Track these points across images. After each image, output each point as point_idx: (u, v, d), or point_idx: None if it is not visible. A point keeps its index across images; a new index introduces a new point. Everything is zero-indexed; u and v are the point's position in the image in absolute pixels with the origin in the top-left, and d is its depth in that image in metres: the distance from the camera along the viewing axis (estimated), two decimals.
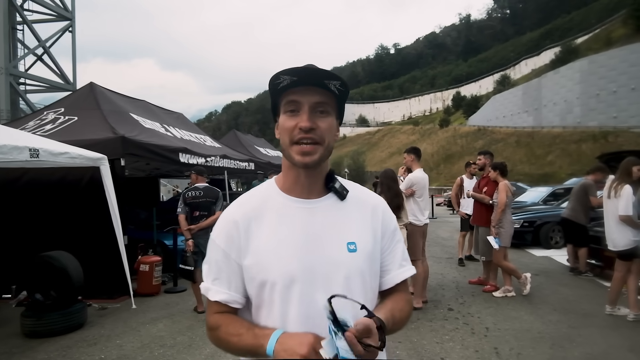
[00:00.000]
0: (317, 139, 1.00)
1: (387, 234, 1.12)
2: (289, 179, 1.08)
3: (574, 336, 4.12)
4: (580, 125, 39.90)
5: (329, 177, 1.09)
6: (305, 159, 1.00)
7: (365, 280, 1.05)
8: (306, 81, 1.00)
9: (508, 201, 5.59)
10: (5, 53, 20.02)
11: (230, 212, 1.09)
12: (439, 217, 17.01)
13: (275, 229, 1.04)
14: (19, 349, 4.14)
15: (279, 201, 1.08)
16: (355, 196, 1.12)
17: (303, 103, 1.00)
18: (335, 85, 1.00)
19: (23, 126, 6.78)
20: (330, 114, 1.04)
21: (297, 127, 1.00)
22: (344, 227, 1.06)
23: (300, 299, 1.00)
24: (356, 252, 1.04)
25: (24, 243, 5.68)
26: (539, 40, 78.79)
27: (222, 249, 1.06)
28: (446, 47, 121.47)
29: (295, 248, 1.02)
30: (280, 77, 1.00)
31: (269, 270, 1.01)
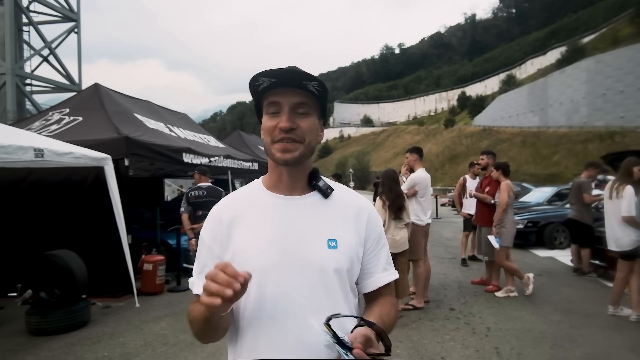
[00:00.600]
0: (296, 139, 1.03)
1: (371, 237, 1.12)
2: (273, 177, 1.11)
3: (576, 336, 4.11)
4: (586, 125, 39.66)
5: (312, 175, 1.11)
6: (285, 156, 1.03)
7: (343, 279, 1.05)
8: (285, 83, 1.02)
9: (510, 201, 5.58)
10: (11, 54, 20.19)
11: (216, 209, 1.14)
12: (443, 217, 16.97)
13: (255, 224, 1.07)
14: (23, 346, 4.20)
15: (262, 198, 1.10)
16: (340, 196, 1.13)
17: (283, 104, 1.02)
18: (314, 85, 1.02)
19: (28, 126, 6.85)
20: (311, 114, 1.05)
21: (277, 127, 1.02)
22: (326, 224, 1.07)
23: (276, 294, 1.01)
24: (336, 249, 1.04)
25: (29, 242, 5.74)
26: (545, 40, 78.39)
27: (207, 244, 1.10)
28: (451, 46, 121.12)
29: (273, 242, 1.03)
30: (259, 79, 1.02)
31: (245, 262, 1.01)
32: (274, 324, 1.01)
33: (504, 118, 55.03)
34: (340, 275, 1.05)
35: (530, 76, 68.39)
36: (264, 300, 1.01)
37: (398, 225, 4.83)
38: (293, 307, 1.00)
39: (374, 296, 1.14)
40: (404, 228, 4.88)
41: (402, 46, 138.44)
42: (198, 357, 3.87)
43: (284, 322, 1.00)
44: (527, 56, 78.26)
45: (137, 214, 8.41)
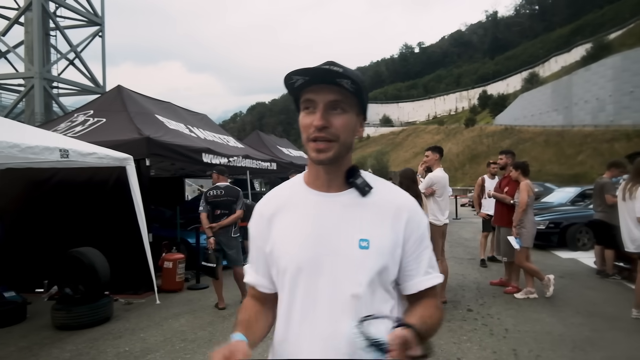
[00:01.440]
0: (330, 137, 1.02)
1: (412, 238, 1.08)
2: (311, 173, 1.13)
3: (597, 339, 4.02)
4: (612, 123, 38.50)
5: (350, 172, 1.10)
6: (319, 156, 1.03)
7: (373, 280, 1.03)
8: (318, 81, 1.02)
9: (529, 201, 5.49)
10: (39, 58, 20.85)
11: (259, 204, 1.20)
12: (462, 217, 16.76)
13: (292, 219, 1.10)
14: (49, 340, 4.35)
15: (301, 194, 1.12)
16: (380, 194, 1.10)
17: (318, 102, 1.02)
18: (347, 83, 1.00)
19: (55, 128, 7.08)
20: (347, 111, 1.04)
21: (312, 125, 1.02)
22: (359, 223, 1.05)
23: (306, 289, 1.04)
24: (368, 249, 1.02)
25: (55, 240, 5.94)
26: (569, 37, 76.45)
27: (253, 236, 1.18)
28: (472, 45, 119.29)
29: (306, 238, 1.05)
30: (292, 78, 1.02)
31: (281, 258, 1.08)
32: (305, 319, 1.03)
33: (527, 117, 53.89)
34: (370, 277, 1.03)
35: (554, 74, 66.84)
36: (296, 296, 1.05)
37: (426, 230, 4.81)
38: (321, 305, 1.02)
39: (416, 299, 1.11)
40: None
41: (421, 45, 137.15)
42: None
43: (314, 318, 1.02)
44: (551, 53, 76.52)
45: (158, 213, 8.59)
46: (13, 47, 21.85)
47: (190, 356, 3.90)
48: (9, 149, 4.07)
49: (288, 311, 1.06)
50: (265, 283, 1.16)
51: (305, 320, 1.03)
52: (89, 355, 3.96)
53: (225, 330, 4.56)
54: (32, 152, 4.31)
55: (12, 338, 4.43)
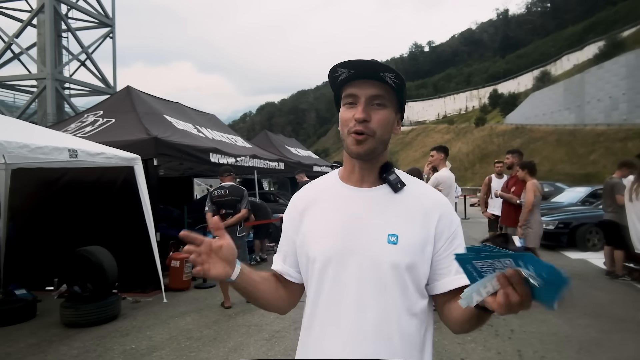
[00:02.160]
0: (368, 132, 1.04)
1: (443, 237, 1.08)
2: (347, 168, 1.15)
3: (604, 341, 3.98)
4: (626, 122, 37.89)
5: (384, 168, 1.11)
6: (358, 148, 1.05)
7: (401, 276, 1.03)
8: (363, 75, 1.04)
9: (536, 201, 5.44)
10: (51, 60, 21.14)
11: (295, 196, 1.24)
12: (471, 217, 16.63)
13: (324, 212, 1.13)
14: (58, 337, 4.42)
15: (335, 187, 1.15)
16: (412, 191, 1.11)
17: (360, 96, 1.04)
18: (391, 77, 1.02)
19: (65, 128, 7.19)
20: (387, 106, 1.06)
21: (352, 119, 1.04)
22: (389, 218, 1.06)
23: (333, 280, 1.07)
24: (396, 244, 1.03)
25: (65, 239, 6.02)
26: (581, 34, 75.36)
27: (285, 227, 1.22)
28: (483, 43, 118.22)
29: (336, 231, 1.08)
30: (337, 70, 1.04)
31: (310, 249, 1.11)
32: (330, 310, 1.06)
33: (538, 116, 53.25)
34: (397, 271, 1.03)
35: (566, 72, 65.95)
36: (323, 287, 1.08)
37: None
38: (347, 297, 1.04)
39: (445, 300, 1.08)
40: None
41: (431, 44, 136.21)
42: (220, 351, 3.98)
43: (338, 310, 1.05)
44: (563, 52, 75.51)
45: (166, 213, 8.67)
46: (26, 48, 22.15)
47: (195, 354, 3.94)
48: (19, 149, 4.15)
49: (315, 300, 1.09)
50: (292, 272, 1.20)
51: (331, 309, 1.06)
52: (96, 353, 4.02)
53: (231, 328, 4.60)
54: (42, 152, 4.39)
55: (22, 335, 4.52)
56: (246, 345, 4.10)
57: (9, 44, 21.89)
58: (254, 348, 4.04)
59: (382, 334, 1.03)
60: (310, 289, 1.12)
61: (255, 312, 5.16)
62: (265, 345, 4.10)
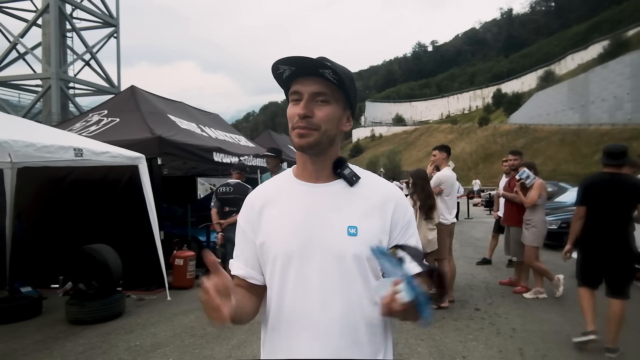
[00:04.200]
0: (311, 126, 1.05)
1: (398, 226, 1.11)
2: (299, 165, 1.16)
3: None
4: (630, 122, 37.79)
5: (337, 163, 1.13)
6: (300, 141, 1.07)
7: (363, 266, 1.06)
8: (303, 72, 1.05)
9: (541, 200, 5.46)
10: (56, 59, 21.27)
11: (250, 196, 1.22)
12: (474, 217, 16.63)
13: (282, 210, 1.13)
14: (63, 334, 4.47)
15: (290, 185, 1.16)
16: (367, 184, 1.13)
17: (303, 92, 1.06)
18: (329, 73, 1.02)
19: (70, 127, 7.24)
20: (331, 102, 1.07)
21: (296, 115, 1.06)
22: (347, 212, 1.08)
23: (296, 276, 1.07)
24: (356, 236, 1.05)
25: (70, 237, 6.08)
26: (586, 34, 75.10)
27: (242, 228, 1.19)
28: (486, 43, 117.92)
29: (296, 227, 1.08)
30: (279, 67, 1.06)
31: (271, 247, 1.10)
32: (295, 308, 1.07)
33: (542, 116, 53.12)
34: (359, 262, 1.05)
35: (570, 72, 65.74)
36: (287, 285, 1.08)
37: (429, 225, 4.84)
38: (311, 292, 1.05)
39: None
40: (433, 229, 4.89)
41: (435, 43, 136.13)
42: (224, 348, 4.01)
43: (304, 306, 1.06)
44: (567, 51, 75.25)
45: (170, 211, 8.71)
46: (31, 48, 22.33)
47: (198, 351, 3.98)
48: (25, 148, 4.20)
49: (279, 299, 1.09)
50: (255, 275, 1.17)
51: (296, 307, 1.07)
52: (101, 349, 4.06)
53: (234, 326, 4.60)
54: (48, 151, 4.44)
55: (27, 332, 4.56)
56: (249, 343, 4.14)
57: (14, 43, 22.04)
58: (257, 345, 4.03)
59: (349, 325, 1.05)
60: (273, 287, 1.11)
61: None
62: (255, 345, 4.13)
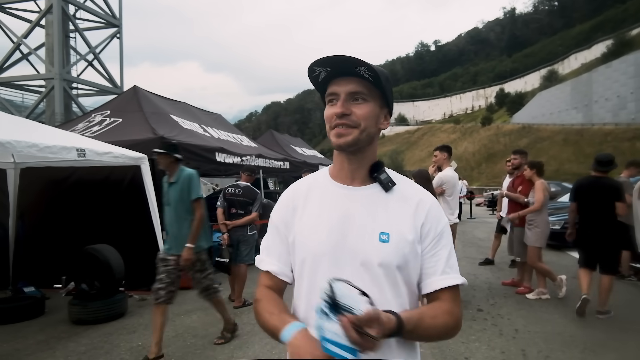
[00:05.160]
0: (350, 124, 1.05)
1: (430, 236, 1.09)
2: (336, 165, 1.16)
3: (609, 341, 3.97)
4: (634, 122, 37.58)
5: (375, 167, 1.13)
6: (339, 140, 1.07)
7: (393, 273, 1.04)
8: (340, 72, 1.06)
9: (544, 201, 5.43)
10: (59, 60, 21.34)
11: (285, 193, 1.23)
12: (477, 217, 16.59)
13: (315, 210, 1.13)
14: (66, 334, 4.49)
15: (325, 186, 1.16)
16: (402, 190, 1.12)
17: (340, 93, 1.07)
18: (365, 70, 1.02)
19: (73, 128, 7.27)
20: (368, 100, 1.07)
21: (334, 115, 1.06)
22: (380, 217, 1.07)
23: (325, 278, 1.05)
24: (388, 242, 1.04)
25: (73, 237, 6.09)
26: (589, 33, 74.76)
27: (276, 225, 1.19)
28: (489, 42, 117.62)
29: (328, 229, 1.08)
30: (315, 70, 1.07)
31: (302, 247, 1.11)
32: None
33: (545, 115, 52.93)
34: (388, 270, 1.04)
35: (573, 71, 65.48)
36: (315, 286, 1.05)
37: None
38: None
39: (433, 300, 1.09)
40: None
41: (438, 43, 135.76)
42: (226, 349, 4.02)
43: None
44: (570, 50, 74.95)
45: None
46: (34, 49, 22.40)
47: (201, 352, 3.98)
48: (28, 148, 4.21)
49: (308, 299, 1.09)
50: (287, 272, 1.16)
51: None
52: (103, 349, 4.07)
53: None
54: (51, 152, 4.44)
55: (30, 332, 4.58)
56: (251, 344, 4.14)
57: (18, 44, 22.13)
58: (259, 346, 4.07)
59: None
60: (302, 287, 1.11)
61: None
62: (270, 343, 4.13)
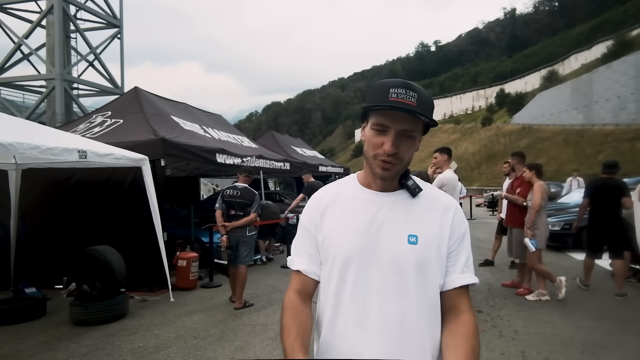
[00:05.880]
0: (396, 161, 1.10)
1: (454, 236, 1.16)
2: (367, 175, 1.21)
3: (608, 342, 3.99)
4: (634, 122, 37.51)
5: (403, 175, 1.18)
6: (384, 174, 1.12)
7: (424, 274, 1.10)
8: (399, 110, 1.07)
9: (543, 202, 5.45)
10: (60, 60, 21.36)
11: (315, 197, 1.28)
12: (477, 218, 16.59)
13: (345, 213, 1.18)
14: (67, 335, 4.50)
15: (354, 191, 1.21)
16: (428, 195, 1.19)
17: (391, 127, 1.08)
18: (424, 118, 1.07)
19: (74, 129, 7.29)
20: (415, 137, 1.12)
21: (382, 147, 1.09)
22: (409, 220, 1.13)
23: (355, 279, 1.12)
24: (416, 244, 1.10)
25: (74, 238, 6.12)
26: (590, 34, 74.64)
27: (305, 226, 1.24)
28: (490, 42, 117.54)
29: (358, 232, 1.13)
30: (373, 107, 1.09)
31: (332, 248, 1.17)
32: (353, 306, 1.12)
33: (545, 116, 52.88)
34: (416, 271, 1.10)
35: (574, 72, 65.38)
36: (345, 286, 1.13)
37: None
38: (369, 295, 1.11)
39: (450, 304, 1.14)
40: None
41: (438, 43, 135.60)
42: (227, 350, 4.03)
43: (363, 305, 1.11)
44: (571, 51, 74.81)
45: (173, 212, 8.75)
46: (35, 49, 22.40)
47: (202, 352, 4.00)
48: (30, 150, 4.23)
49: (336, 300, 1.14)
50: (317, 271, 1.22)
51: (354, 305, 1.12)
52: (104, 350, 4.09)
53: (237, 328, 4.65)
54: (52, 154, 4.47)
55: (32, 333, 4.60)
56: (252, 345, 4.16)
57: (19, 44, 22.14)
58: (260, 347, 4.09)
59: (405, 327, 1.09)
60: (331, 287, 1.16)
61: (261, 311, 5.22)
62: (271, 344, 4.15)
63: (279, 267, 8.02)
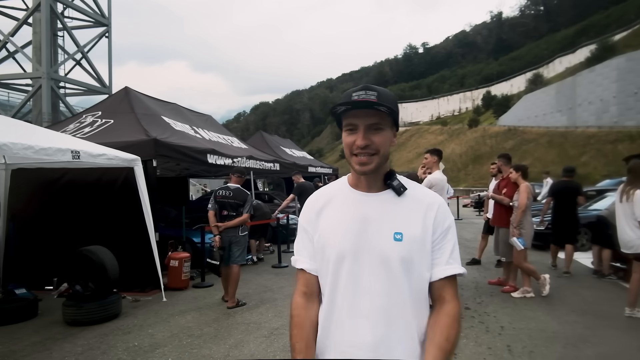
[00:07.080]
0: (371, 152, 1.20)
1: (438, 231, 1.24)
2: (354, 177, 1.32)
3: (589, 336, 4.16)
4: (616, 125, 38.38)
5: (387, 175, 1.28)
6: (363, 168, 1.22)
7: (409, 268, 1.19)
8: (358, 107, 1.20)
9: (529, 202, 5.62)
10: (47, 59, 21.07)
11: (310, 199, 1.40)
12: (464, 218, 16.85)
13: (337, 213, 1.29)
14: (61, 335, 4.52)
15: (345, 193, 1.32)
16: (413, 194, 1.27)
17: (359, 124, 1.21)
18: (384, 108, 1.17)
19: (64, 129, 7.25)
20: (384, 128, 1.22)
21: (355, 144, 1.21)
22: (395, 218, 1.22)
23: (348, 273, 1.23)
24: (402, 241, 1.19)
25: (65, 238, 6.10)
26: (574, 38, 76.03)
27: (304, 227, 1.36)
28: (476, 45, 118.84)
29: (348, 231, 1.24)
30: (337, 108, 1.21)
31: (326, 246, 1.27)
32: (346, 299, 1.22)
33: (530, 118, 53.74)
34: (403, 265, 1.19)
35: (558, 75, 66.54)
36: (339, 280, 1.24)
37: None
38: (360, 289, 1.21)
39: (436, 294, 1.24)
40: None
41: (426, 45, 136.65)
42: (221, 348, 4.10)
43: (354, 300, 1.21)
44: (556, 54, 76.12)
45: (164, 213, 8.75)
46: (21, 47, 22.05)
47: (197, 350, 4.06)
48: (23, 150, 4.24)
49: (332, 295, 1.26)
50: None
51: (347, 301, 1.22)
52: (100, 350, 4.12)
53: (231, 326, 4.72)
54: (46, 154, 4.48)
55: (25, 334, 4.60)
56: (246, 343, 4.23)
57: (5, 42, 21.77)
58: (254, 345, 4.17)
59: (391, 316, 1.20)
60: (327, 283, 1.27)
61: (254, 310, 5.29)
62: (265, 342, 4.23)
63: (269, 267, 8.09)
